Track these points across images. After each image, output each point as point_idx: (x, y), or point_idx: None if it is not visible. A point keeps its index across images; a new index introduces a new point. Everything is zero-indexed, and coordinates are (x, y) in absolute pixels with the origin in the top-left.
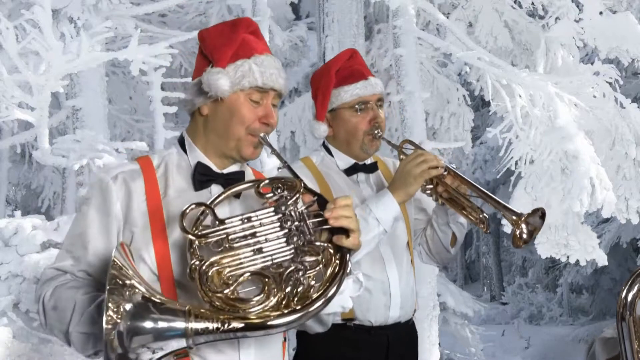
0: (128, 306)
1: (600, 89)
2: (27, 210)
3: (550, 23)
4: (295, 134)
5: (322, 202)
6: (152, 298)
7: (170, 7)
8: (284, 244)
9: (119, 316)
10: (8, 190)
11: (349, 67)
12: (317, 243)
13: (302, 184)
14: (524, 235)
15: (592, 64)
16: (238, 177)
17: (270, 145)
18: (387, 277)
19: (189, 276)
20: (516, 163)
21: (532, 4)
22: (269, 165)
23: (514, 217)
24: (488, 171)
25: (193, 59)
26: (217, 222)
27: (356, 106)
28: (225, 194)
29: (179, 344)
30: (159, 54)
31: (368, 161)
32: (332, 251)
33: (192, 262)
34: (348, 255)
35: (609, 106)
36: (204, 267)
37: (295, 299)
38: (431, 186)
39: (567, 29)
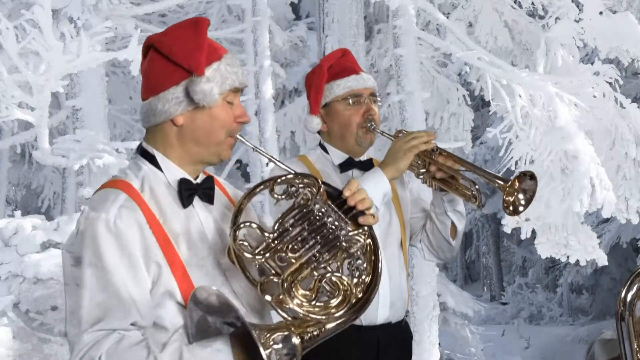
0: (275, 343)
1: (600, 89)
2: (27, 210)
3: (550, 23)
4: (295, 134)
5: (330, 191)
6: (270, 327)
7: (170, 7)
8: (335, 239)
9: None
10: (8, 190)
11: (342, 64)
12: (355, 231)
13: (319, 179)
14: (520, 205)
15: (592, 64)
16: (210, 184)
17: (249, 143)
18: None
19: (262, 294)
20: (516, 163)
21: (532, 4)
22: (271, 165)
23: (502, 183)
24: None
25: None
26: (268, 235)
27: (349, 99)
28: (242, 204)
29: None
30: None
31: (363, 158)
32: (365, 232)
33: (263, 280)
34: (372, 231)
35: (609, 106)
36: (288, 283)
37: (359, 287)
38: (424, 170)
39: (567, 29)
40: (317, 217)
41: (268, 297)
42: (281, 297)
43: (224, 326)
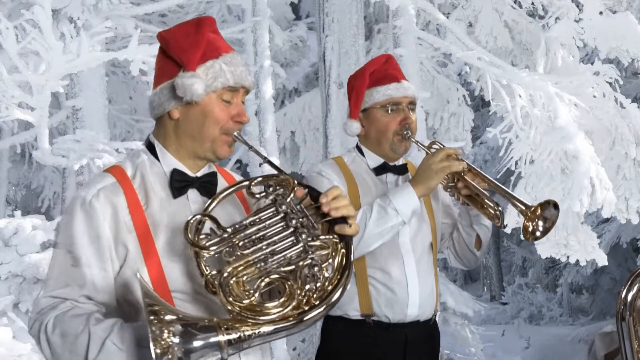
0: (174, 336)
1: (600, 89)
2: (27, 210)
3: (550, 23)
4: (295, 134)
5: (314, 194)
6: (187, 320)
7: (170, 7)
8: (294, 242)
9: (167, 345)
10: (8, 190)
11: (384, 70)
12: (323, 236)
13: (294, 180)
14: (538, 232)
15: (592, 64)
16: (212, 179)
17: (246, 142)
18: (406, 275)
19: (206, 289)
20: (516, 163)
21: (532, 4)
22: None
23: (524, 208)
24: (488, 171)
25: None
26: (220, 231)
27: (387, 106)
28: (219, 199)
29: (214, 356)
30: None
31: (398, 162)
32: (337, 241)
33: (209, 272)
34: (351, 241)
35: (609, 106)
36: (224, 277)
37: (315, 294)
38: (452, 184)
39: (567, 29)
40: (280, 218)
41: (205, 290)
42: (218, 293)
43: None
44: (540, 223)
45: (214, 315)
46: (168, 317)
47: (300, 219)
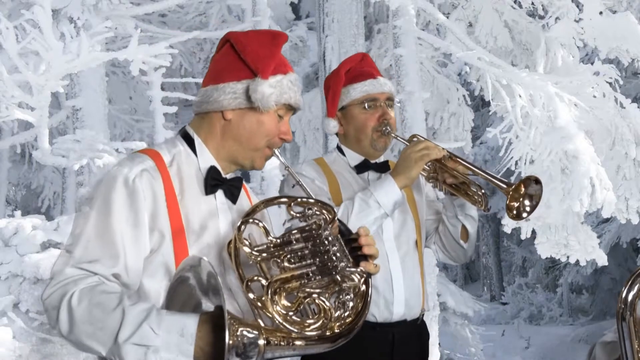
0: (244, 339)
1: (600, 89)
2: (27, 210)
3: (550, 23)
4: (295, 134)
5: (342, 228)
6: (244, 319)
7: (170, 7)
8: (332, 268)
9: (236, 338)
10: (8, 190)
11: (359, 68)
12: (354, 269)
13: (335, 211)
14: (525, 211)
15: (592, 64)
16: (238, 184)
17: (283, 162)
18: (390, 273)
19: (247, 290)
20: (516, 163)
21: (532, 4)
22: (267, 167)
23: (505, 186)
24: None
25: (193, 59)
26: (271, 239)
27: (365, 103)
28: (260, 209)
29: (251, 357)
30: (159, 54)
31: (379, 160)
32: (364, 275)
33: (253, 277)
34: (370, 279)
35: (609, 106)
36: (277, 285)
37: (340, 322)
38: (434, 174)
39: (567, 29)
40: (323, 243)
41: (251, 295)
42: (263, 299)
43: (201, 299)
44: (527, 202)
45: None
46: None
47: (335, 248)
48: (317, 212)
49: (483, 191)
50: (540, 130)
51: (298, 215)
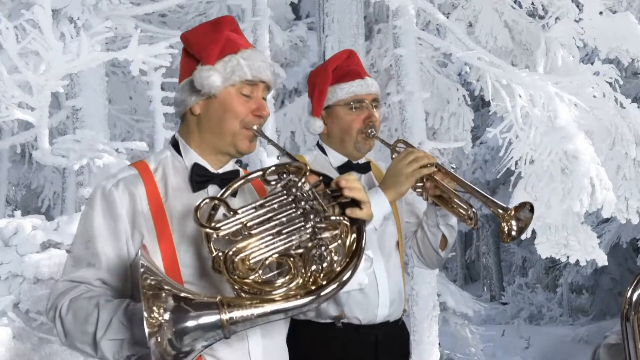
0: (166, 311)
1: (600, 89)
2: (27, 210)
3: (550, 23)
4: (295, 134)
5: (327, 181)
6: (184, 296)
7: (170, 7)
8: (302, 224)
9: (159, 322)
10: (8, 190)
11: (346, 67)
12: (333, 217)
13: (307, 166)
14: (513, 232)
15: (592, 64)
16: (234, 176)
17: (265, 136)
18: (375, 275)
19: (214, 269)
20: (516, 163)
21: (532, 4)
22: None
23: (501, 211)
24: (488, 171)
25: None
26: (231, 213)
27: (351, 104)
28: (233, 187)
29: (216, 335)
30: (159, 54)
31: (361, 161)
32: (348, 224)
33: (216, 253)
34: (364, 225)
35: (609, 106)
36: (229, 255)
37: (321, 274)
38: (421, 183)
39: (567, 29)
40: (290, 201)
41: (216, 275)
42: (221, 269)
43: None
44: (513, 223)
45: None
46: (163, 292)
47: (310, 202)
48: (289, 173)
49: (474, 210)
50: (540, 130)
51: (274, 182)
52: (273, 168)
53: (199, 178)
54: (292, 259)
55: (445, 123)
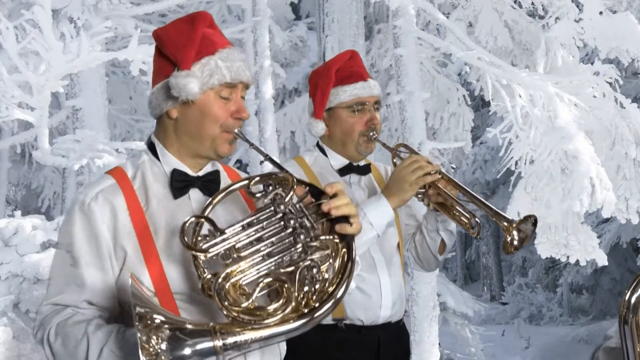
0: (162, 342)
1: (600, 89)
2: (27, 210)
3: (550, 23)
4: (295, 134)
5: (315, 192)
6: (178, 326)
7: (170, 7)
8: (292, 243)
9: (155, 351)
10: (8, 190)
11: (349, 68)
12: (323, 238)
13: (294, 178)
14: (515, 242)
15: (592, 64)
16: (214, 177)
17: (247, 140)
18: (378, 277)
19: (203, 293)
20: (516, 163)
21: (532, 4)
22: (269, 166)
23: (505, 224)
24: (488, 171)
25: None
26: (218, 233)
27: (354, 106)
28: (216, 201)
29: None
30: None
31: (361, 163)
32: (337, 241)
33: (205, 276)
34: (352, 241)
35: (609, 106)
36: (219, 282)
37: (314, 296)
38: (423, 190)
39: (567, 29)
40: (279, 218)
41: (203, 294)
42: (213, 295)
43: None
44: (515, 233)
45: (216, 317)
46: (157, 321)
47: (299, 219)
48: (275, 185)
49: (477, 219)
50: (540, 130)
51: (260, 195)
52: (257, 179)
53: (179, 184)
54: (285, 283)
55: (445, 123)
